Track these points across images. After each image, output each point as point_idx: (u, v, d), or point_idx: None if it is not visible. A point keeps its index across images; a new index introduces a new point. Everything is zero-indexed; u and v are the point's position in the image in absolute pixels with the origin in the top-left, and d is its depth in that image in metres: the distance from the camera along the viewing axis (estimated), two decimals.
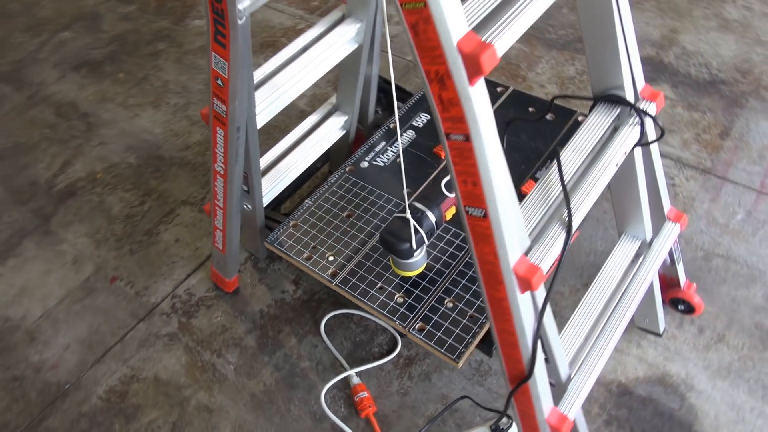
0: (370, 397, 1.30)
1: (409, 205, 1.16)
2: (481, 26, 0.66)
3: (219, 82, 0.96)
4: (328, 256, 1.32)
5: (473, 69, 0.63)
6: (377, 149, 1.52)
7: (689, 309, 1.33)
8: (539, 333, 0.86)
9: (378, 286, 1.26)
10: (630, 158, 1.03)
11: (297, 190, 1.68)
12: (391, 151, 1.51)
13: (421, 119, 1.57)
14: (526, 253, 0.82)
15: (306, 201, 1.43)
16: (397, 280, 1.27)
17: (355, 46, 1.28)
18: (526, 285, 0.79)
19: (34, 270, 1.66)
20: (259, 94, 1.10)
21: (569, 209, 0.84)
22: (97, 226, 1.74)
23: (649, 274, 1.13)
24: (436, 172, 1.44)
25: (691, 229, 1.54)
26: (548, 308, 0.88)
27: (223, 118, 1.02)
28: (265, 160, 1.44)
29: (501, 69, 2.02)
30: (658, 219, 1.18)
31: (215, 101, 1.01)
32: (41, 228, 1.76)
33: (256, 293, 1.54)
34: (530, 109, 1.55)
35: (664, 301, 1.36)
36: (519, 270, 0.79)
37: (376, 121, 1.70)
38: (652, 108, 0.97)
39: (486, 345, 1.21)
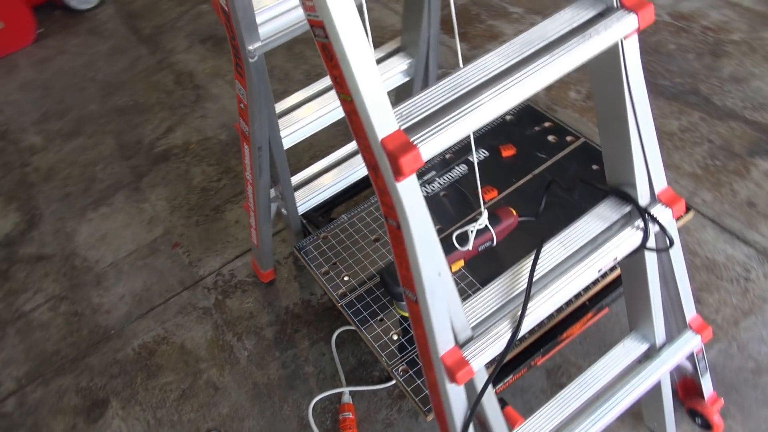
0: (354, 420, 1.33)
1: None
2: (417, 126, 0.65)
3: (242, 105, 1.03)
4: (343, 276, 1.36)
5: (395, 168, 0.63)
6: (426, 177, 1.52)
7: (706, 425, 1.20)
8: (470, 422, 0.84)
9: (378, 318, 1.28)
10: (639, 260, 0.95)
11: (354, 197, 1.72)
12: (438, 183, 1.50)
13: (480, 155, 1.53)
14: (462, 345, 0.79)
15: (342, 216, 1.48)
16: (397, 317, 1.28)
17: (406, 79, 1.28)
18: (452, 377, 0.78)
19: (117, 221, 1.88)
20: (292, 117, 1.16)
21: (524, 310, 0.80)
22: (176, 193, 1.92)
23: (648, 381, 1.04)
24: (472, 215, 1.41)
25: (749, 334, 1.37)
26: (490, 396, 0.85)
27: (247, 137, 1.08)
28: (313, 169, 1.50)
29: (593, 109, 1.89)
30: (679, 324, 1.07)
31: (241, 120, 1.08)
32: (133, 184, 1.97)
33: (288, 289, 1.63)
34: (594, 167, 1.45)
35: (683, 407, 1.24)
36: (447, 360, 0.77)
37: None
38: (665, 214, 0.88)
39: None
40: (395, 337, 1.25)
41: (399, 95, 1.41)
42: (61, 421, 1.46)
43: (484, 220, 1.14)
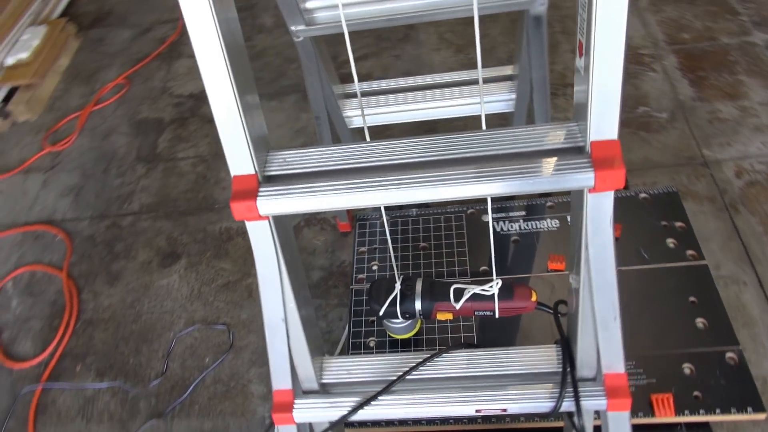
0: None
1: (409, 278, 1.12)
2: (281, 179, 0.62)
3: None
4: (373, 264, 1.37)
5: None
6: (512, 214, 1.40)
7: None
8: None
9: (371, 320, 1.28)
10: (568, 426, 0.80)
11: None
12: (521, 225, 1.37)
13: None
14: (302, 393, 0.78)
15: (413, 209, 1.45)
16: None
17: (509, 110, 1.16)
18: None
19: (276, 119, 2.08)
20: (360, 101, 1.15)
21: (371, 399, 0.75)
22: None
23: None
24: (516, 277, 1.28)
25: None
26: None
27: None
28: None
29: (741, 193, 1.49)
30: None
31: None
32: (306, 93, 2.14)
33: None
34: (691, 299, 1.19)
35: None
36: (275, 398, 0.78)
37: None
38: (597, 402, 0.72)
39: None
40: (371, 344, 1.24)
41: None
42: (145, 253, 1.77)
43: (491, 289, 1.05)
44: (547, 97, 1.06)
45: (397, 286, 1.12)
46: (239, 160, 0.61)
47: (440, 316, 1.12)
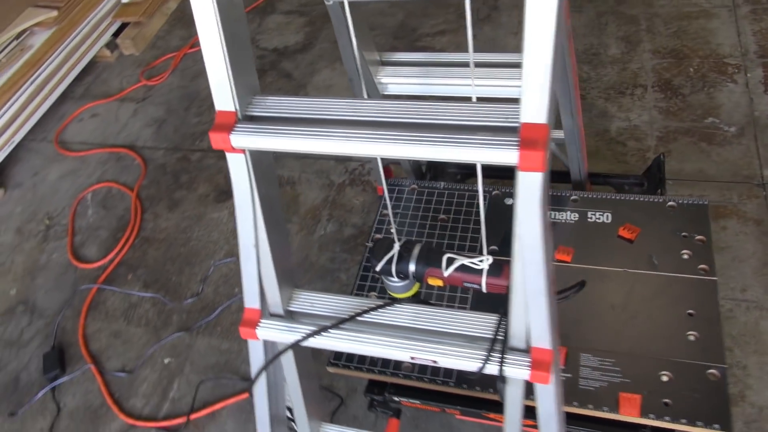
0: None
1: (407, 241, 1.19)
2: (258, 119, 0.71)
3: None
4: (391, 227, 1.44)
5: None
6: None
7: None
8: (254, 380, 0.94)
9: (377, 277, 1.36)
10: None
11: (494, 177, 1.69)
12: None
13: (598, 216, 1.36)
14: (269, 315, 0.89)
15: (439, 183, 1.51)
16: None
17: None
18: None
19: (345, 82, 2.18)
20: (395, 70, 1.21)
21: (321, 330, 0.84)
22: None
23: None
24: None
25: None
26: (291, 373, 0.94)
27: None
28: None
29: None
30: None
31: None
32: None
33: None
34: (689, 312, 1.18)
35: None
36: (245, 313, 0.88)
37: (617, 185, 1.55)
38: (519, 371, 0.77)
39: (377, 387, 1.25)
40: (373, 295, 1.33)
41: None
42: (205, 187, 1.95)
43: (482, 264, 1.11)
44: (569, 86, 1.08)
45: (396, 246, 1.19)
46: (222, 97, 0.70)
47: (431, 281, 1.18)
